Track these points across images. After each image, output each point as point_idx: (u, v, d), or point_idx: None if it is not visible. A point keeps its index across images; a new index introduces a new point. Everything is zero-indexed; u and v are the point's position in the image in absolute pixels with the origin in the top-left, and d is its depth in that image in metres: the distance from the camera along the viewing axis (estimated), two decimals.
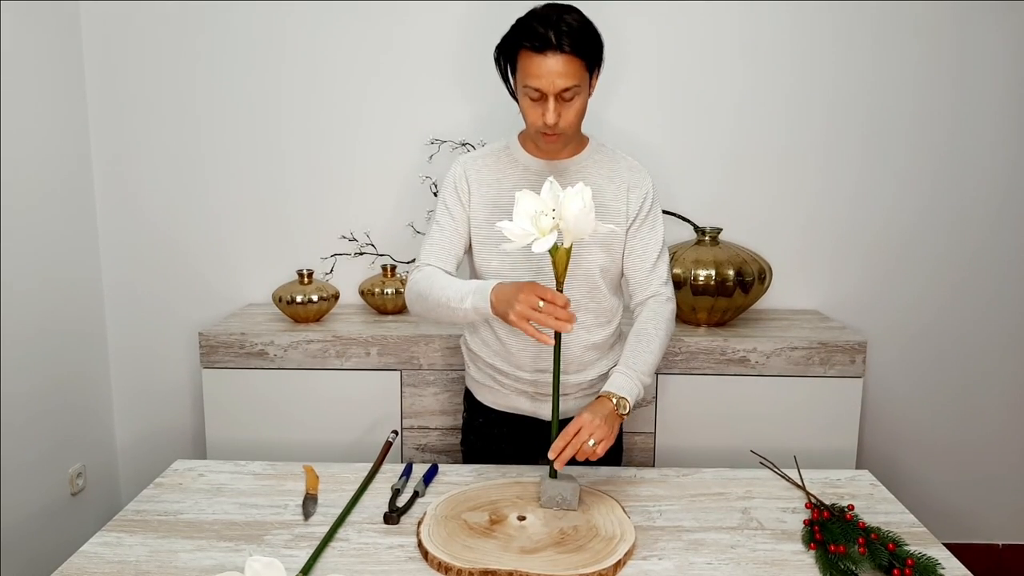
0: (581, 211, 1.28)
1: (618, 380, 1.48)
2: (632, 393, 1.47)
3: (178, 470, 1.62)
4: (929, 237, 2.50)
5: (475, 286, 1.44)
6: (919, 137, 2.45)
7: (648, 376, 1.52)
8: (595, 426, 1.37)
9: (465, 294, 1.44)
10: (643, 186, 1.62)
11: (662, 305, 1.62)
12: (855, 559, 1.25)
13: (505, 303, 1.36)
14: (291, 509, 1.45)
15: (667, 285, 1.64)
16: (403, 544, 1.33)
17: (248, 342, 2.21)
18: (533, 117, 1.49)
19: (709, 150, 2.47)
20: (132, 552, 1.30)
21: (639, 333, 1.56)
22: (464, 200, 1.61)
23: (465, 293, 1.44)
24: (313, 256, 2.51)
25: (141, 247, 2.53)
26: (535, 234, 1.31)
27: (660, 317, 1.59)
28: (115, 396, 2.61)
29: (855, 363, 2.18)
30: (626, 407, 1.44)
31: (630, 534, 1.32)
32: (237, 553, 1.30)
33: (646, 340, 1.55)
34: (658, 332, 1.57)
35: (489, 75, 1.66)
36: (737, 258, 2.24)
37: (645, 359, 1.52)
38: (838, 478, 1.61)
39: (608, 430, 1.39)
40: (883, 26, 2.39)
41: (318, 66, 2.43)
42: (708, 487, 1.56)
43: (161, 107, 2.46)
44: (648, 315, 1.60)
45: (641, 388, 1.50)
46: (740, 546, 1.33)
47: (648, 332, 1.56)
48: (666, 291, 1.64)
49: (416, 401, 2.23)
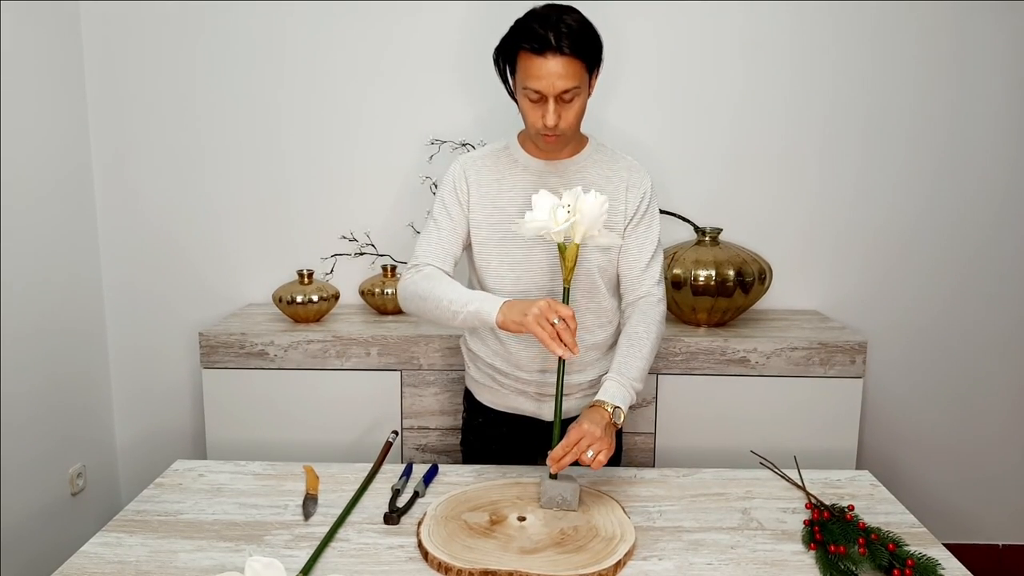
0: (596, 208, 1.33)
1: (611, 388, 1.47)
2: (625, 401, 1.46)
3: (178, 470, 1.62)
4: (929, 237, 2.51)
5: (484, 296, 1.46)
6: (919, 137, 2.45)
7: (639, 382, 1.51)
8: (595, 438, 1.36)
9: (471, 299, 1.45)
10: (641, 186, 1.62)
11: (653, 307, 1.60)
12: (855, 559, 1.25)
13: (522, 309, 1.37)
14: (291, 509, 1.45)
15: (659, 286, 1.63)
16: (403, 544, 1.33)
17: (248, 342, 2.21)
18: (533, 118, 1.49)
19: (709, 150, 2.47)
20: (132, 552, 1.30)
21: (630, 337, 1.55)
22: (463, 200, 1.61)
23: (471, 298, 1.45)
24: (313, 256, 2.51)
25: (141, 247, 2.53)
26: (551, 223, 1.34)
27: (651, 320, 1.58)
28: (115, 396, 2.61)
29: (855, 363, 2.18)
30: (620, 416, 1.44)
31: (630, 534, 1.32)
32: (237, 553, 1.30)
33: (638, 345, 1.53)
34: (649, 335, 1.55)
35: (489, 75, 1.66)
36: (737, 258, 2.24)
37: (636, 364, 1.51)
38: (838, 478, 1.61)
39: (608, 441, 1.38)
40: (883, 26, 2.39)
41: (318, 66, 2.43)
42: (708, 487, 1.56)
43: (161, 107, 2.45)
44: (639, 318, 1.58)
45: (633, 395, 1.49)
46: (740, 546, 1.33)
47: (639, 335, 1.55)
48: (658, 291, 1.63)
49: (416, 401, 2.23)
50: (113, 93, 2.45)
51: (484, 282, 1.64)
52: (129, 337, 2.58)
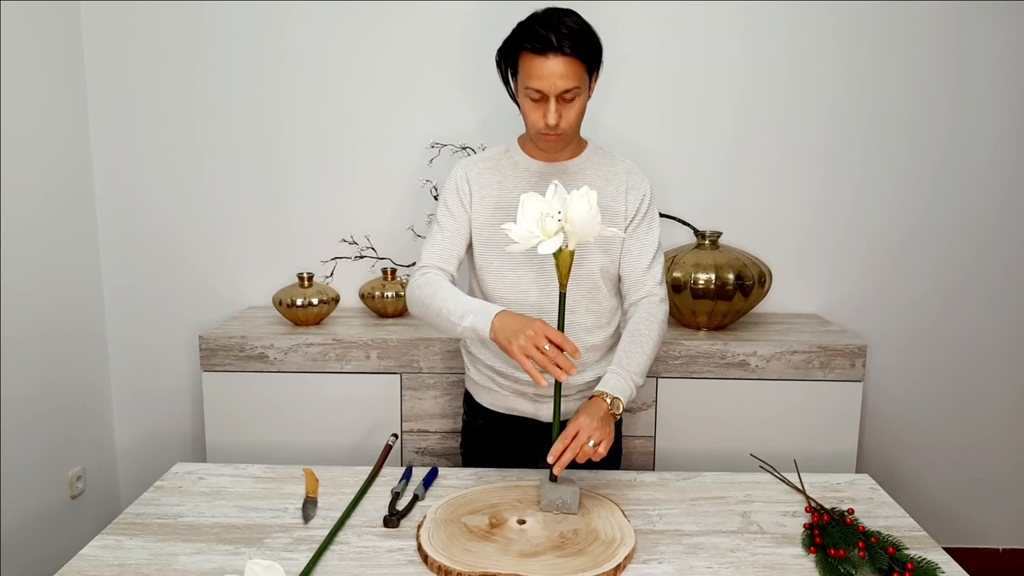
0: (587, 214, 1.29)
1: (611, 380, 1.48)
2: (625, 393, 1.47)
3: (178, 473, 1.61)
4: (930, 240, 2.51)
5: (479, 306, 1.45)
6: (919, 139, 2.45)
7: (640, 377, 1.52)
8: (593, 428, 1.38)
9: (466, 312, 1.45)
10: (641, 188, 1.64)
11: (656, 307, 1.62)
12: (855, 563, 1.25)
13: (510, 333, 1.37)
14: (291, 512, 1.45)
15: (661, 286, 1.65)
16: (403, 547, 1.33)
17: (248, 345, 2.21)
18: (534, 118, 1.51)
19: (708, 153, 2.47)
20: (132, 555, 1.30)
21: (633, 333, 1.57)
22: (465, 202, 1.62)
23: (467, 311, 1.45)
24: (313, 259, 2.51)
25: (141, 249, 2.53)
26: (540, 236, 1.31)
27: (654, 318, 1.60)
28: (115, 398, 2.61)
29: (855, 367, 2.18)
30: (619, 407, 1.45)
31: (630, 538, 1.32)
32: (237, 556, 1.30)
33: (640, 341, 1.55)
34: (651, 333, 1.57)
35: (491, 78, 1.67)
36: (737, 262, 2.24)
37: (638, 360, 1.53)
38: (838, 482, 1.61)
39: (607, 431, 1.39)
40: (883, 27, 2.39)
41: (318, 67, 2.43)
42: (708, 491, 1.56)
43: (161, 108, 2.45)
44: (642, 315, 1.60)
45: (634, 388, 1.50)
46: (740, 550, 1.33)
47: (642, 332, 1.57)
48: (660, 292, 1.64)
49: (416, 404, 2.23)
50: (113, 94, 2.45)
51: (483, 283, 1.64)
52: (129, 339, 2.58)
